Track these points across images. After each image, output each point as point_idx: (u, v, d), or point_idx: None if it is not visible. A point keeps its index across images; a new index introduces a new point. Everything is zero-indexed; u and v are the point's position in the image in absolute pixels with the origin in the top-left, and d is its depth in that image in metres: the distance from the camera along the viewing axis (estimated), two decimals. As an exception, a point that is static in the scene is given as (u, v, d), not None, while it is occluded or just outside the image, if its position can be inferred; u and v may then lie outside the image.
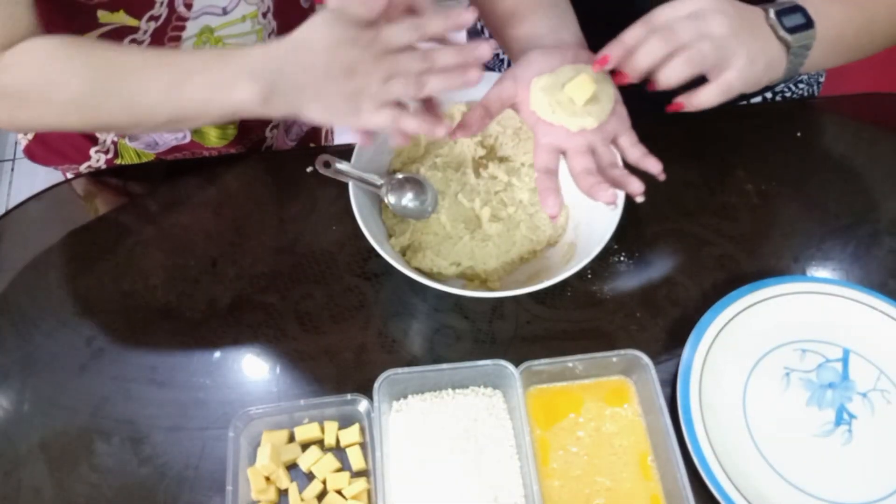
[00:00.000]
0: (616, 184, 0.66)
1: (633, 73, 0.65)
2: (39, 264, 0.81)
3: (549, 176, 0.66)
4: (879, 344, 0.73)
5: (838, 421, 0.70)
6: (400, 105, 0.60)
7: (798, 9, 0.69)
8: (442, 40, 0.62)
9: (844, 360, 0.73)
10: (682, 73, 0.64)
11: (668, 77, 0.64)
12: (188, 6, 0.77)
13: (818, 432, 0.69)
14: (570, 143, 0.67)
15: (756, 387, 0.71)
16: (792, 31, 0.68)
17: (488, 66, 1.08)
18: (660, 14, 0.65)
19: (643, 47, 0.64)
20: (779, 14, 0.68)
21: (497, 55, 1.05)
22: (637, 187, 0.66)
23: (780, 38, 0.68)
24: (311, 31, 0.59)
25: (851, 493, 0.66)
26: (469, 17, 0.59)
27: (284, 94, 0.60)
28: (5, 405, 0.71)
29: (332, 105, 0.59)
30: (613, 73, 0.67)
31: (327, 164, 0.76)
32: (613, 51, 0.65)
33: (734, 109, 0.94)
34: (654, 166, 0.67)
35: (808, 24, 0.68)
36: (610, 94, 0.67)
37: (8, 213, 0.85)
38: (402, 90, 0.59)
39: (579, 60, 0.69)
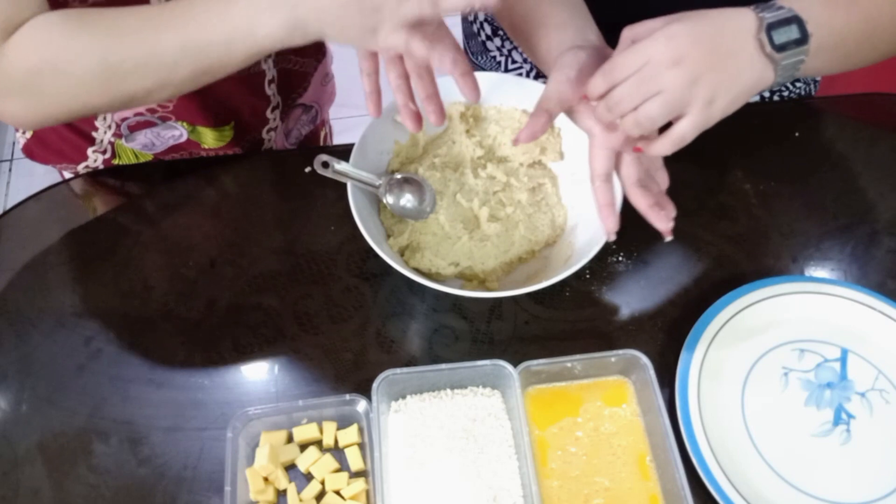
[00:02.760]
0: (658, 204, 0.69)
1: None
2: (38, 265, 0.81)
3: (608, 186, 0.69)
4: (878, 344, 0.73)
5: (836, 421, 0.70)
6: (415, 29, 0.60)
7: (794, 20, 0.64)
8: None
9: (843, 360, 0.73)
10: (637, 132, 0.64)
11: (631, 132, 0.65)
12: None
13: (816, 432, 0.69)
14: (627, 147, 0.68)
15: (754, 386, 0.71)
16: (781, 48, 0.64)
17: (482, 67, 1.08)
18: (614, 71, 0.63)
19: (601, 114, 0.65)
20: (769, 28, 0.63)
21: (494, 57, 1.05)
22: (670, 213, 0.70)
23: (766, 55, 0.64)
24: None
25: (850, 492, 0.66)
26: None
27: (306, 22, 0.59)
28: (3, 406, 0.71)
29: (352, 27, 0.59)
30: None
31: (325, 165, 0.76)
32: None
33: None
34: (663, 181, 0.72)
35: (803, 38, 0.64)
36: None
37: (6, 213, 0.85)
38: (416, 8, 0.58)
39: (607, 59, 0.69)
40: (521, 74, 1.02)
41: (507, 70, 1.06)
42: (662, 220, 0.68)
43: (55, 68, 0.62)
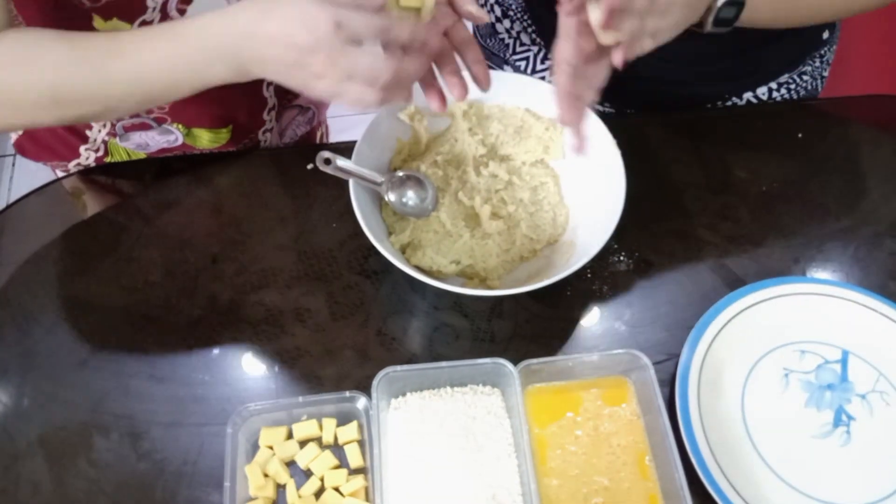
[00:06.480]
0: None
1: None
2: (40, 259, 0.81)
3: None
4: (878, 346, 0.73)
5: (837, 422, 0.70)
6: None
7: None
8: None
9: (843, 362, 0.73)
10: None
11: None
12: (181, 12, 0.76)
13: (816, 433, 0.69)
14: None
15: (755, 387, 0.71)
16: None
17: (490, 49, 1.08)
18: None
19: None
20: None
21: (502, 40, 1.05)
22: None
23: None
24: (281, 23, 0.58)
25: (849, 494, 0.66)
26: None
27: (249, 69, 0.61)
28: (5, 400, 0.71)
29: (290, 76, 0.59)
30: None
31: (328, 162, 0.76)
32: None
33: (735, 109, 0.94)
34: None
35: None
36: None
37: (8, 207, 0.85)
38: (351, 95, 0.58)
39: None
40: (528, 57, 1.01)
41: (514, 52, 1.05)
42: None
43: (6, 98, 0.63)
